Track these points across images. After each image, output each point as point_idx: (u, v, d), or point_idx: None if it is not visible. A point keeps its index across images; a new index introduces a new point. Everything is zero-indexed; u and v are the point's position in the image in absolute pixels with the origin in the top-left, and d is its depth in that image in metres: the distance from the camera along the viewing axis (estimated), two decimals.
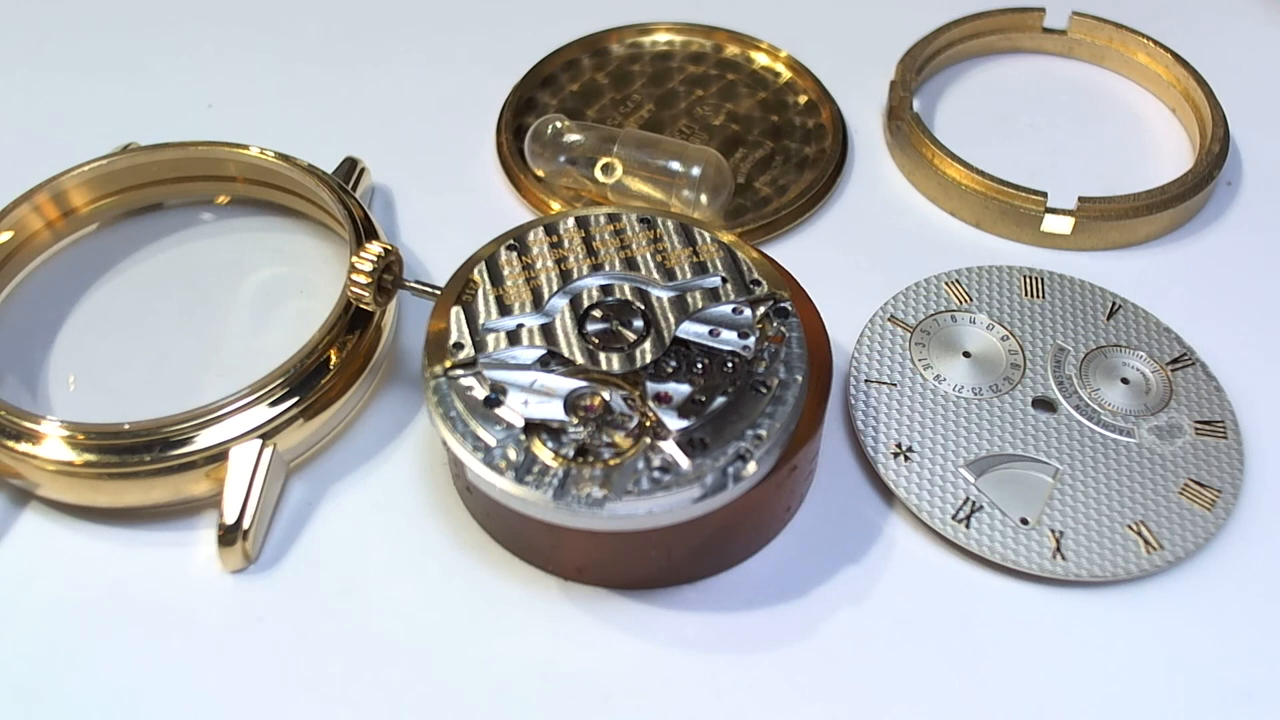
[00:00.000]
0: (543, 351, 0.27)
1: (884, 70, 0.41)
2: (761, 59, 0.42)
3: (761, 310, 0.28)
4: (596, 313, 0.28)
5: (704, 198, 0.35)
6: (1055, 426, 0.30)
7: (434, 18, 0.45)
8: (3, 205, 0.34)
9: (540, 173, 0.37)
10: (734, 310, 0.28)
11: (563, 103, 0.41)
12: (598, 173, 0.36)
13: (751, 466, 0.25)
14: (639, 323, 0.28)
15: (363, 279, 0.29)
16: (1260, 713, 0.26)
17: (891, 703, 0.26)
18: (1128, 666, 0.27)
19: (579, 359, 0.27)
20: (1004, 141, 0.40)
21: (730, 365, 0.27)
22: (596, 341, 0.27)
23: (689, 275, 0.29)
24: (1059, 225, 0.36)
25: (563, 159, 0.36)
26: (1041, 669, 0.27)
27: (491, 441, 0.25)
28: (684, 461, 0.25)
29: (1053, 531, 0.28)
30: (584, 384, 0.26)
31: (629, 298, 0.28)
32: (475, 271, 0.29)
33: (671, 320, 0.28)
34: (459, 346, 0.27)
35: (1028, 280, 0.34)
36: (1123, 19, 0.42)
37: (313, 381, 0.29)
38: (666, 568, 0.28)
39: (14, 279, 0.35)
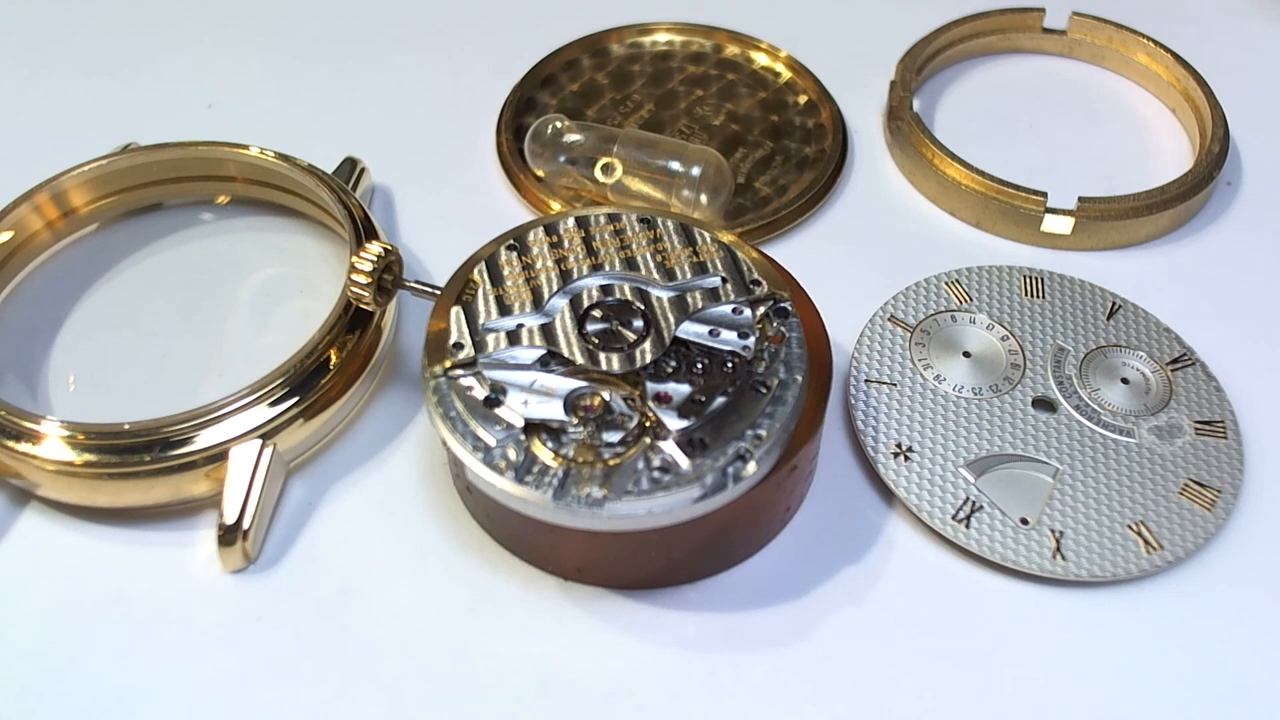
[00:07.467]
0: (543, 351, 0.27)
1: (884, 70, 0.41)
2: (761, 59, 0.42)
3: (761, 310, 0.28)
4: (596, 313, 0.28)
5: (704, 198, 0.35)
6: (1055, 426, 0.30)
7: (434, 17, 0.45)
8: (3, 205, 0.34)
9: (540, 173, 0.37)
10: (734, 310, 0.28)
11: (563, 103, 0.41)
12: (598, 173, 0.36)
13: (751, 466, 0.25)
14: (639, 323, 0.28)
15: (363, 279, 0.29)
16: (1260, 713, 0.26)
17: (891, 702, 0.26)
18: (1128, 666, 0.27)
19: (579, 359, 0.27)
20: (1004, 141, 0.40)
21: (730, 365, 0.27)
22: (596, 341, 0.27)
23: (689, 275, 0.29)
24: (1059, 225, 0.36)
25: (563, 159, 0.36)
26: (1041, 669, 0.27)
27: (491, 441, 0.25)
28: (684, 461, 0.25)
29: (1053, 531, 0.28)
30: (584, 384, 0.26)
31: (629, 298, 0.28)
32: (475, 271, 0.29)
33: (671, 320, 0.28)
34: (459, 346, 0.27)
35: (1028, 280, 0.34)
36: (1123, 19, 0.42)
37: (313, 381, 0.29)
38: (666, 568, 0.28)
39: (14, 279, 0.35)
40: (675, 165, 0.35)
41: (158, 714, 0.26)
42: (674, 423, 0.26)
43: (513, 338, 0.27)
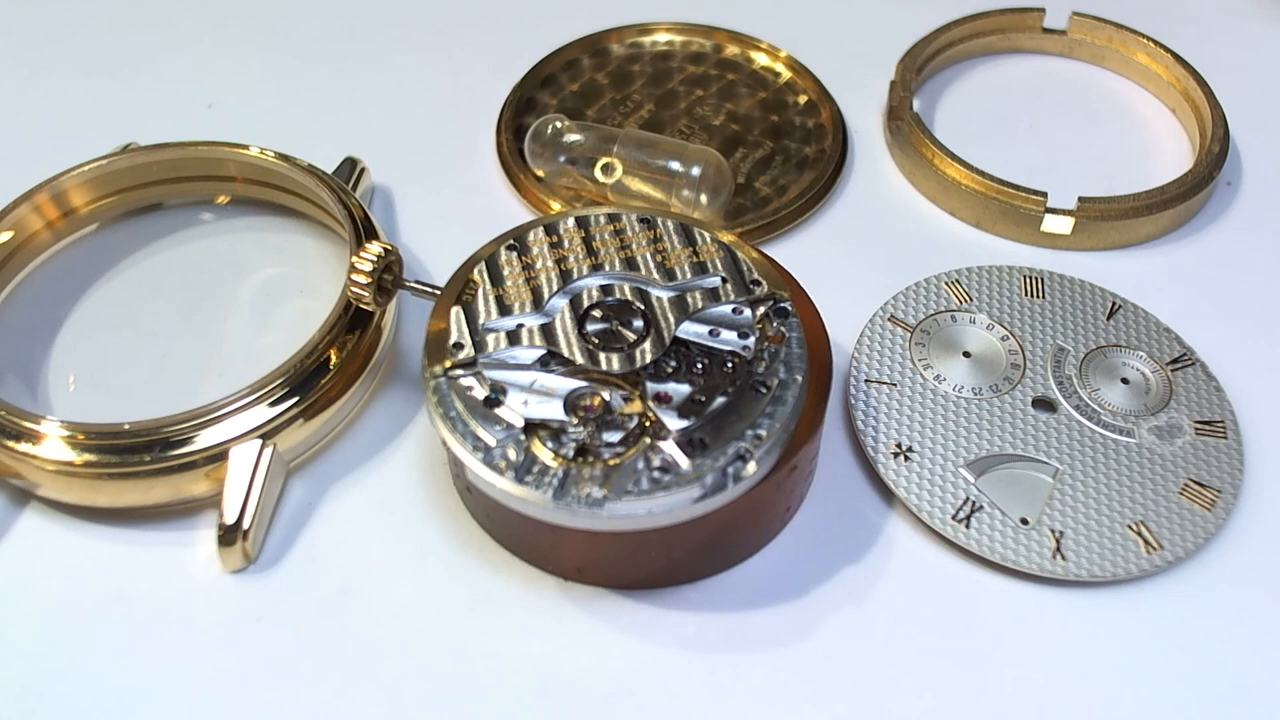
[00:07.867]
0: (543, 351, 0.27)
1: (884, 70, 0.41)
2: (761, 59, 0.42)
3: (761, 310, 0.28)
4: (596, 313, 0.28)
5: (704, 198, 0.35)
6: (1055, 426, 0.30)
7: (434, 17, 0.45)
8: (3, 205, 0.34)
9: (540, 173, 0.37)
10: (734, 310, 0.28)
11: (563, 103, 0.41)
12: (598, 173, 0.36)
13: (751, 466, 0.25)
14: (639, 323, 0.28)
15: (363, 279, 0.29)
16: (1260, 713, 0.26)
17: (891, 702, 0.26)
18: (1128, 666, 0.27)
19: (579, 359, 0.27)
20: (1004, 141, 0.40)
21: (730, 365, 0.27)
22: (596, 341, 0.27)
23: (689, 275, 0.29)
24: (1059, 225, 0.36)
25: (563, 159, 0.36)
26: (1041, 669, 0.27)
27: (491, 441, 0.25)
28: (684, 461, 0.25)
29: (1053, 531, 0.28)
30: (584, 384, 0.26)
31: (629, 298, 0.28)
32: (475, 271, 0.29)
33: (671, 320, 0.28)
34: (459, 346, 0.27)
35: (1028, 280, 0.34)
36: (1123, 19, 0.42)
37: (313, 381, 0.29)
38: (666, 568, 0.28)
39: (14, 279, 0.35)
40: (675, 165, 0.35)
41: (158, 714, 0.26)
42: (674, 423, 0.26)
43: (513, 338, 0.27)
